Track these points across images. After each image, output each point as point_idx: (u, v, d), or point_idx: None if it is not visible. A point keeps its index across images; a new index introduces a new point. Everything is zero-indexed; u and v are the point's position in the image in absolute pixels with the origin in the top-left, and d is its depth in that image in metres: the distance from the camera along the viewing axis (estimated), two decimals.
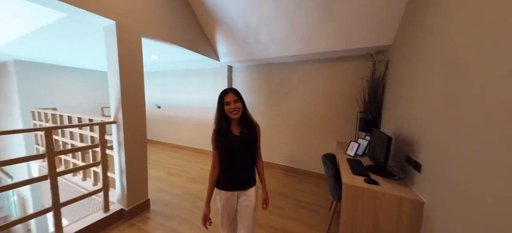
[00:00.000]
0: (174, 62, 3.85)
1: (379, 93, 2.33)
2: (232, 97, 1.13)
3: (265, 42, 2.82)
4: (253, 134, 1.18)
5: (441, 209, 1.07)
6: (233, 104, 1.12)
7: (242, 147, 1.16)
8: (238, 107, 1.13)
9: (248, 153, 1.18)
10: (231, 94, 1.14)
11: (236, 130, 1.18)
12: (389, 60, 2.22)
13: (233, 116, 1.13)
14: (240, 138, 1.16)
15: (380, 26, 2.13)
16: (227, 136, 1.15)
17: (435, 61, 1.21)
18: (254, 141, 1.18)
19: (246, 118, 1.18)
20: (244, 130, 1.17)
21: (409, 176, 1.42)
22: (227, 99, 1.13)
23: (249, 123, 1.19)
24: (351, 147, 2.15)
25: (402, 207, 1.25)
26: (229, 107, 1.12)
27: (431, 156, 1.19)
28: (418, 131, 1.37)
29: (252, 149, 1.19)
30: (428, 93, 1.27)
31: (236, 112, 1.13)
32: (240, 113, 1.15)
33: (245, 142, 1.16)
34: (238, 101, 1.15)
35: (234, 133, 1.17)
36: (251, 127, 1.19)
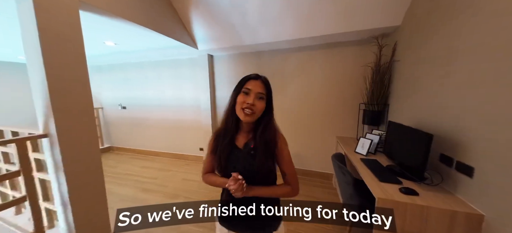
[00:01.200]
0: (139, 51, 3.09)
1: (385, 82, 2.11)
2: (257, 87, 0.73)
3: (254, 25, 2.34)
4: (266, 152, 0.73)
5: (507, 225, 0.83)
6: (253, 99, 0.72)
7: (245, 168, 0.74)
8: (259, 107, 0.72)
9: (251, 177, 0.73)
10: (257, 82, 0.74)
11: (242, 139, 0.78)
12: (398, 42, 1.98)
13: (245, 117, 0.71)
14: (243, 154, 0.76)
15: (389, 3, 1.85)
16: (227, 144, 0.75)
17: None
18: (267, 165, 0.74)
19: (266, 129, 0.75)
20: (249, 143, 0.76)
21: (449, 180, 1.19)
22: (250, 86, 0.74)
23: (267, 134, 0.75)
24: (362, 144, 1.89)
25: (455, 224, 1.00)
26: (244, 100, 0.71)
27: (488, 157, 0.94)
28: (460, 124, 1.12)
29: (263, 177, 0.75)
30: (478, 73, 1.01)
31: (250, 113, 0.71)
32: (256, 117, 0.73)
33: (251, 164, 0.74)
34: (263, 98, 0.73)
35: (236, 143, 0.77)
36: (266, 140, 0.74)
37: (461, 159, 1.10)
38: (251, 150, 0.76)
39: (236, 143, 0.79)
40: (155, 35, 2.17)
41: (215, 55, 3.21)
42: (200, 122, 3.45)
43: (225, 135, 0.79)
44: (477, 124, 1.01)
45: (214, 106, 3.39)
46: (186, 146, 3.74)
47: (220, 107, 3.37)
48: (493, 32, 0.95)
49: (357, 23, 2.05)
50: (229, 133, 0.78)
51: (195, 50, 2.89)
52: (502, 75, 0.89)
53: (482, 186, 0.97)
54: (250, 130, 0.79)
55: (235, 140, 0.79)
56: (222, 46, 2.72)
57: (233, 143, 0.79)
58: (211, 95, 3.28)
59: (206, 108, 3.30)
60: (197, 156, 3.66)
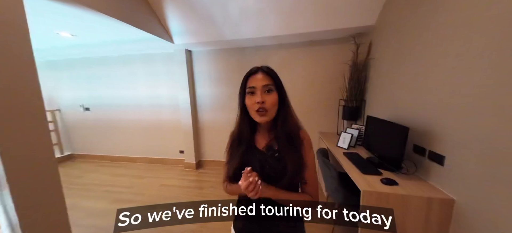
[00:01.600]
0: (104, 44, 2.72)
1: (362, 79, 2.23)
2: (260, 80, 0.64)
3: (236, 19, 2.25)
4: (292, 157, 0.65)
5: (474, 207, 0.93)
6: (262, 95, 0.63)
7: (269, 174, 0.66)
8: (271, 101, 0.63)
9: (285, 187, 0.66)
10: (259, 76, 0.64)
11: (262, 140, 0.70)
12: (372, 42, 2.10)
13: (261, 118, 0.63)
14: (266, 157, 0.67)
15: (364, 3, 1.94)
16: (246, 148, 0.67)
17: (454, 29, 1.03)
18: (295, 168, 0.65)
19: (285, 123, 0.67)
20: (272, 144, 0.68)
21: (422, 169, 1.29)
22: (252, 84, 0.64)
23: (287, 127, 0.67)
24: (343, 139, 1.97)
25: (431, 209, 1.08)
26: (253, 101, 0.64)
27: (457, 146, 1.04)
28: (431, 116, 1.22)
29: (290, 182, 0.66)
30: (446, 70, 1.11)
31: (264, 113, 0.63)
32: (273, 113, 0.65)
33: (275, 167, 0.66)
34: (272, 91, 0.64)
35: (256, 145, 0.69)
36: (290, 139, 0.67)
37: (433, 149, 1.20)
38: (276, 153, 0.67)
39: (256, 145, 0.71)
40: (122, 26, 1.91)
41: (194, 50, 3.01)
42: (179, 122, 3.23)
43: (240, 141, 0.71)
44: (447, 116, 1.11)
45: (195, 105, 3.20)
46: (165, 149, 3.47)
47: (201, 106, 3.20)
48: (458, 32, 1.04)
49: (335, 22, 2.11)
50: (245, 137, 0.70)
51: (171, 44, 2.66)
52: (467, 71, 0.98)
53: (452, 173, 1.07)
54: (269, 128, 0.70)
55: (254, 142, 0.71)
56: (201, 40, 2.56)
57: (252, 145, 0.70)
58: (191, 93, 3.08)
59: (185, 108, 3.09)
60: (177, 159, 3.43)
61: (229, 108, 3.07)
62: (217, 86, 3.06)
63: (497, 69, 0.84)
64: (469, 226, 0.96)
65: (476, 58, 0.94)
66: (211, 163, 3.33)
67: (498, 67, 0.84)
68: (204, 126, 3.26)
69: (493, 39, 0.86)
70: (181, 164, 3.37)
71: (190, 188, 2.64)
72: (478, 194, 0.92)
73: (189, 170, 3.22)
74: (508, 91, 0.80)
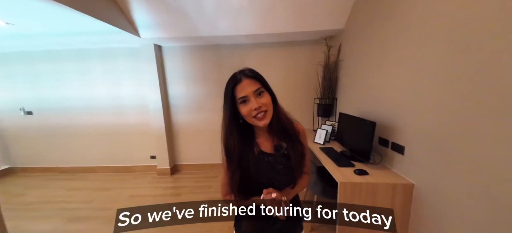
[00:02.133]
0: (50, 35, 2.30)
1: (334, 78, 2.39)
2: (249, 87, 0.62)
3: (211, 14, 2.16)
4: (298, 146, 0.69)
5: (430, 188, 1.09)
6: (256, 100, 0.62)
7: (280, 173, 0.67)
8: (266, 103, 0.63)
9: (289, 181, 0.70)
10: (245, 83, 0.62)
11: (267, 143, 0.69)
12: (342, 44, 2.27)
13: (260, 122, 0.62)
14: (276, 158, 0.68)
15: (334, 8, 2.08)
16: (249, 156, 0.65)
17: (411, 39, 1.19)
18: (299, 159, 0.70)
19: (281, 119, 0.69)
20: (281, 143, 0.69)
21: (386, 158, 1.45)
22: (243, 93, 0.62)
23: (287, 127, 0.70)
24: (319, 135, 2.08)
25: (396, 193, 1.22)
26: (250, 108, 0.62)
27: (414, 137, 1.20)
28: (393, 112, 1.38)
29: (296, 174, 0.70)
30: (404, 72, 1.26)
31: (264, 116, 0.63)
32: (271, 115, 0.65)
33: (286, 165, 0.68)
34: (263, 92, 0.64)
35: (263, 149, 0.68)
36: (290, 134, 0.70)
37: (395, 140, 1.36)
38: (285, 150, 0.69)
39: (262, 149, 0.69)
40: (71, 14, 1.62)
41: (164, 46, 2.78)
42: (149, 125, 2.95)
43: (232, 152, 0.66)
44: (405, 111, 1.26)
45: (167, 106, 2.97)
46: (133, 156, 3.13)
47: (175, 107, 2.98)
48: (413, 40, 1.20)
49: (307, 24, 2.21)
50: (237, 148, 0.66)
51: (137, 38, 2.40)
52: (421, 73, 1.13)
53: (411, 161, 1.23)
54: (268, 130, 0.70)
55: (259, 147, 0.69)
56: (173, 35, 2.37)
57: (258, 150, 0.68)
58: (163, 93, 2.85)
59: (157, 109, 2.84)
60: (149, 165, 3.13)
61: (206, 108, 2.95)
62: (192, 85, 2.89)
63: (444, 71, 0.99)
64: (426, 205, 1.11)
65: (427, 62, 1.09)
66: (188, 166, 3.15)
67: (444, 70, 0.99)
68: (179, 128, 3.05)
69: (440, 46, 1.01)
70: (153, 170, 3.10)
71: (166, 196, 2.45)
72: (432, 177, 1.08)
73: (163, 176, 2.98)
74: (451, 89, 0.95)
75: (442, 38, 1.00)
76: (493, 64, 0.77)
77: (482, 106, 0.81)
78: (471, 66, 0.86)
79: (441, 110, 1.01)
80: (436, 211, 1.05)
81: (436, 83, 1.03)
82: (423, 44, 1.12)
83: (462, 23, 0.89)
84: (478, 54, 0.83)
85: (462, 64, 0.90)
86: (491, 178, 0.79)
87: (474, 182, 0.86)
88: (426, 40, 1.10)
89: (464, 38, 0.89)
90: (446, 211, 0.99)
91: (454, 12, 0.93)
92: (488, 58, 0.79)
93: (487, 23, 0.79)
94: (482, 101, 0.81)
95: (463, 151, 0.90)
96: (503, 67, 0.74)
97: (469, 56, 0.87)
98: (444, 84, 0.99)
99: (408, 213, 1.23)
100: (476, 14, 0.83)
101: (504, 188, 0.75)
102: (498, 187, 0.77)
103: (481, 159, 0.82)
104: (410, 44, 1.22)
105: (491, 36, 0.78)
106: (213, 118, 2.96)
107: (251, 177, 0.65)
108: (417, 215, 1.18)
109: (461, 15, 0.90)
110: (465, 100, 0.88)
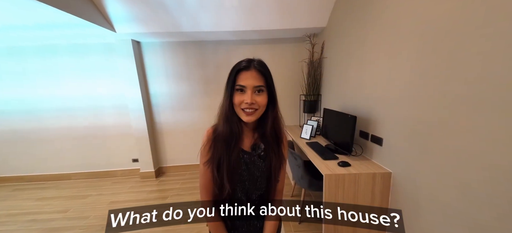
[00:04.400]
0: (9, 29, 2.03)
1: (318, 75, 2.47)
2: (252, 80, 0.59)
3: (193, 9, 2.08)
4: (276, 156, 0.67)
5: (405, 176, 1.19)
6: (252, 95, 0.59)
7: (253, 174, 0.66)
8: (260, 103, 0.60)
9: (260, 186, 0.68)
10: (251, 73, 0.59)
11: (247, 140, 0.67)
12: (325, 42, 2.34)
13: (247, 117, 0.62)
14: (251, 157, 0.66)
15: (316, 6, 2.14)
16: (229, 148, 0.62)
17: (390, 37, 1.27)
18: (276, 168, 0.68)
19: (274, 122, 0.66)
20: (259, 143, 0.67)
21: (367, 150, 1.55)
22: (243, 82, 0.60)
23: (276, 131, 0.67)
24: (305, 130, 2.14)
25: (375, 182, 1.31)
26: (242, 100, 0.60)
27: (391, 129, 1.29)
28: (372, 106, 1.47)
29: (270, 181, 0.68)
30: (382, 69, 1.35)
31: (252, 113, 0.60)
32: (260, 113, 0.63)
33: (260, 167, 0.67)
34: (263, 91, 0.61)
35: (241, 146, 0.66)
36: (276, 138, 0.68)
37: (374, 133, 1.45)
38: (261, 152, 0.67)
39: (240, 146, 0.66)
40: (35, 4, 1.44)
41: (143, 41, 2.63)
42: (129, 127, 2.78)
43: (230, 139, 0.63)
44: (383, 105, 1.35)
45: (149, 105, 2.82)
46: (112, 160, 2.93)
47: (157, 106, 2.84)
48: (389, 39, 1.28)
49: (290, 22, 2.24)
50: (235, 136, 0.63)
51: (112, 33, 2.23)
52: (397, 70, 1.22)
53: (389, 151, 1.32)
54: (254, 127, 0.68)
55: (239, 142, 0.65)
56: (152, 31, 2.25)
57: (237, 145, 0.65)
58: (143, 92, 2.70)
59: (137, 109, 2.68)
60: (130, 169, 2.96)
61: (192, 107, 2.86)
62: (175, 83, 2.78)
63: (416, 66, 1.08)
64: (403, 191, 1.21)
65: (401, 57, 1.17)
66: (174, 168, 3.04)
67: (417, 64, 1.07)
68: (163, 128, 2.92)
69: (413, 45, 1.09)
70: (136, 174, 2.94)
71: (150, 200, 2.34)
72: (407, 165, 1.17)
73: (147, 179, 2.84)
74: (423, 83, 1.03)
75: (414, 34, 1.08)
76: (462, 58, 0.84)
77: (453, 98, 0.88)
78: (442, 60, 0.93)
79: (415, 103, 1.09)
80: (411, 197, 1.15)
81: (410, 77, 1.12)
82: (397, 41, 1.20)
83: (431, 20, 0.97)
84: (447, 49, 0.90)
85: (433, 59, 0.98)
86: (462, 166, 0.86)
87: (445, 170, 0.94)
88: (400, 37, 1.18)
89: (434, 33, 0.96)
90: (419, 196, 1.09)
91: (423, 11, 1.01)
92: (457, 52, 0.85)
93: (454, 19, 0.87)
94: (453, 93, 0.88)
95: (434, 141, 0.99)
96: (471, 59, 0.80)
97: (439, 51, 0.94)
98: (417, 78, 1.07)
99: (387, 200, 1.33)
100: (444, 12, 0.91)
101: (475, 175, 0.80)
102: (468, 175, 0.83)
103: (452, 147, 0.90)
104: (386, 41, 1.30)
105: (459, 31, 0.85)
106: (199, 117, 2.88)
107: (227, 172, 0.63)
108: (395, 200, 1.28)
109: (430, 13, 0.98)
110: (436, 92, 0.96)
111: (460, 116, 0.86)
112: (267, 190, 0.70)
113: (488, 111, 0.75)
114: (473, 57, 0.79)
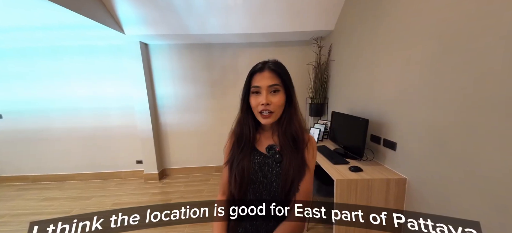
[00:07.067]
0: (18, 30, 2.09)
1: (325, 78, 2.43)
2: (266, 80, 0.59)
3: (201, 12, 2.10)
4: (295, 161, 0.61)
5: (421, 182, 1.12)
6: (267, 96, 0.59)
7: (267, 177, 0.62)
8: (276, 103, 0.59)
9: (274, 192, 0.64)
10: (265, 74, 0.59)
11: (265, 141, 0.67)
12: (332, 45, 2.31)
13: (264, 119, 0.61)
14: (265, 159, 0.63)
15: (323, 10, 2.13)
16: (246, 150, 0.63)
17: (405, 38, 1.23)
18: (295, 173, 0.61)
19: (291, 124, 0.63)
20: (274, 145, 0.64)
21: (379, 154, 1.48)
22: (257, 82, 0.60)
23: (293, 133, 0.63)
24: (313, 134, 2.09)
25: (389, 188, 1.25)
26: (257, 102, 0.60)
27: (405, 134, 1.23)
28: (384, 109, 1.42)
29: (285, 188, 0.61)
30: (396, 72, 1.30)
31: (269, 115, 0.59)
32: (278, 115, 0.61)
33: (274, 170, 0.63)
34: (279, 91, 0.60)
35: (257, 147, 0.64)
36: (294, 141, 0.63)
37: (386, 137, 1.40)
38: (276, 154, 0.63)
39: (257, 147, 0.66)
40: (43, 3, 1.44)
41: (150, 43, 2.65)
42: (135, 128, 2.78)
43: (241, 141, 0.65)
44: (397, 108, 1.30)
45: (155, 107, 2.82)
46: (116, 161, 2.92)
47: (163, 108, 2.85)
48: (401, 36, 1.24)
49: (298, 25, 2.23)
50: (247, 138, 0.64)
51: (121, 35, 2.26)
52: (412, 73, 1.17)
53: (403, 156, 1.26)
54: (273, 128, 0.67)
55: (255, 143, 0.66)
56: (161, 33, 2.27)
57: (253, 147, 0.65)
58: (150, 93, 2.71)
59: (143, 110, 2.68)
60: (134, 170, 2.95)
61: (197, 109, 2.85)
62: (182, 85, 2.78)
63: (432, 68, 1.03)
64: (419, 197, 1.15)
65: (416, 59, 1.13)
66: (179, 170, 3.01)
67: (433, 66, 1.03)
68: (168, 130, 2.91)
69: (428, 43, 1.05)
70: (140, 175, 2.92)
71: (154, 203, 2.31)
72: (423, 171, 1.11)
73: (151, 181, 2.81)
74: (440, 87, 0.99)
75: (430, 35, 1.04)
76: (480, 60, 0.81)
77: (470, 101, 0.85)
78: (459, 62, 0.89)
79: (431, 106, 1.04)
80: (428, 204, 1.08)
81: (426, 80, 1.07)
82: (412, 42, 1.16)
83: (450, 20, 0.93)
84: (466, 50, 0.86)
85: (450, 61, 0.93)
86: (481, 168, 0.82)
87: (465, 174, 0.89)
88: (414, 38, 1.14)
89: (452, 35, 0.92)
90: (438, 203, 1.03)
91: (442, 10, 0.97)
92: (476, 54, 0.82)
93: (474, 20, 0.83)
94: (471, 96, 0.85)
95: (453, 144, 0.93)
96: (490, 62, 0.77)
97: (457, 52, 0.90)
98: (433, 81, 1.03)
99: (402, 207, 1.26)
100: (463, 12, 0.87)
101: (495, 176, 0.77)
102: (489, 176, 0.79)
103: (471, 150, 0.85)
104: (399, 42, 1.26)
105: (478, 32, 0.81)
106: (205, 119, 2.87)
107: (242, 173, 0.62)
108: (411, 207, 1.21)
109: (448, 12, 0.94)
110: (453, 95, 0.92)
111: (481, 119, 0.81)
112: (285, 199, 0.62)
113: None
114: (498, 58, 0.75)
